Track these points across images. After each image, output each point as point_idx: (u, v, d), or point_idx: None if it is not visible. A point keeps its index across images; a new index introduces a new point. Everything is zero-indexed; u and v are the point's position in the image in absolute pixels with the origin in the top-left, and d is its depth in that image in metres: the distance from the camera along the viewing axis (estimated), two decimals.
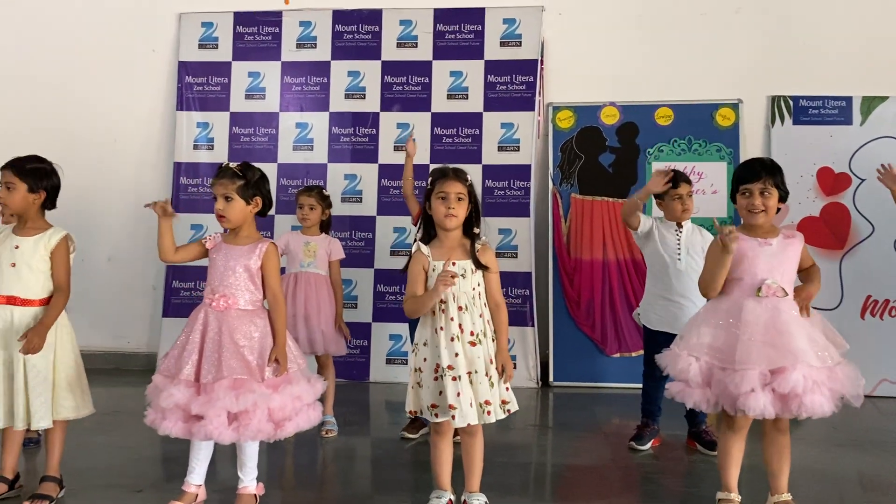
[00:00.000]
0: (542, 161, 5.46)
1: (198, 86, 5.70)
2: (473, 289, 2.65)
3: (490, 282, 2.69)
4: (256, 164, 5.49)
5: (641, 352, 5.19)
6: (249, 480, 2.77)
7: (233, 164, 2.83)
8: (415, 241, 2.73)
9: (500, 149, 5.43)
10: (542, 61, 5.46)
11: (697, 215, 5.12)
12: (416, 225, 3.52)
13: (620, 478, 3.36)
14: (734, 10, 5.45)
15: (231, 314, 2.68)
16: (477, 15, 5.52)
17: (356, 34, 5.63)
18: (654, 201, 3.87)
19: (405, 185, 4.06)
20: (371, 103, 5.57)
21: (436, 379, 2.62)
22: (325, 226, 4.13)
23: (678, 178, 3.73)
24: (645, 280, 3.93)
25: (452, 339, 2.58)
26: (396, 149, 5.52)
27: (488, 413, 2.58)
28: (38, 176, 2.92)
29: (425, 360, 2.65)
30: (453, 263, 2.62)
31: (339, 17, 5.63)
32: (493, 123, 5.45)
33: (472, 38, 5.53)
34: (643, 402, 3.75)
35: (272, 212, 5.44)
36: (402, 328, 5.15)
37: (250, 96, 5.67)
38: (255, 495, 2.79)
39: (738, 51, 5.40)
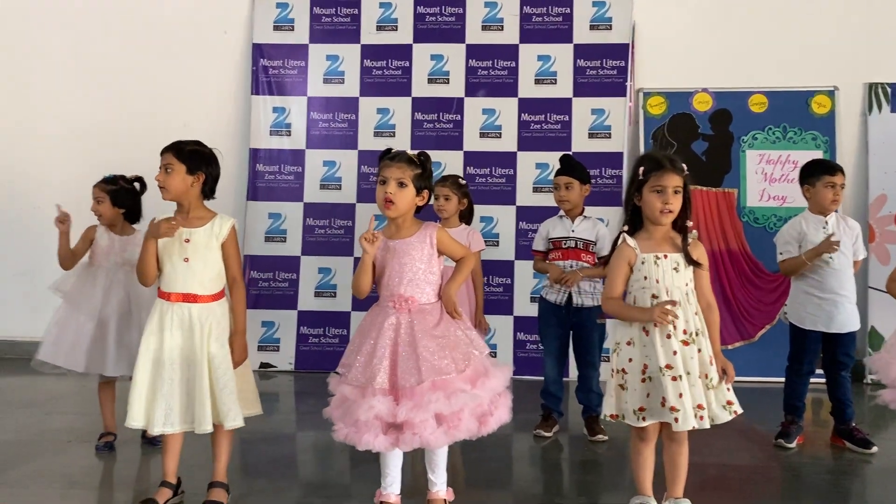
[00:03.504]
0: (634, 148, 5.32)
1: (273, 69, 5.49)
2: (686, 285, 2.51)
3: (701, 279, 2.55)
4: (336, 152, 5.47)
5: (738, 344, 5.14)
6: (441, 483, 2.63)
7: (410, 151, 2.65)
8: (620, 231, 2.58)
9: (591, 135, 5.29)
10: (632, 46, 5.31)
11: (793, 205, 5.08)
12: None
13: (790, 478, 3.28)
14: None
15: (417, 312, 2.53)
16: None
17: (439, 16, 5.44)
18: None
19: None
20: (455, 88, 5.39)
21: (644, 381, 2.48)
22: (465, 216, 3.97)
23: (835, 167, 3.59)
24: (740, 271, 3.80)
25: (668, 337, 2.44)
26: (482, 135, 5.36)
27: (701, 418, 2.44)
28: (197, 159, 2.75)
29: (631, 360, 2.50)
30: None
31: None
32: (583, 109, 5.29)
33: (561, 21, 5.36)
34: (789, 398, 3.64)
35: (355, 199, 5.40)
36: None
37: (328, 80, 5.47)
38: (446, 500, 2.65)
39: (835, 36, 5.28)
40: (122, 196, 3.52)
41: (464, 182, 4.00)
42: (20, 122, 5.62)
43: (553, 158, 5.12)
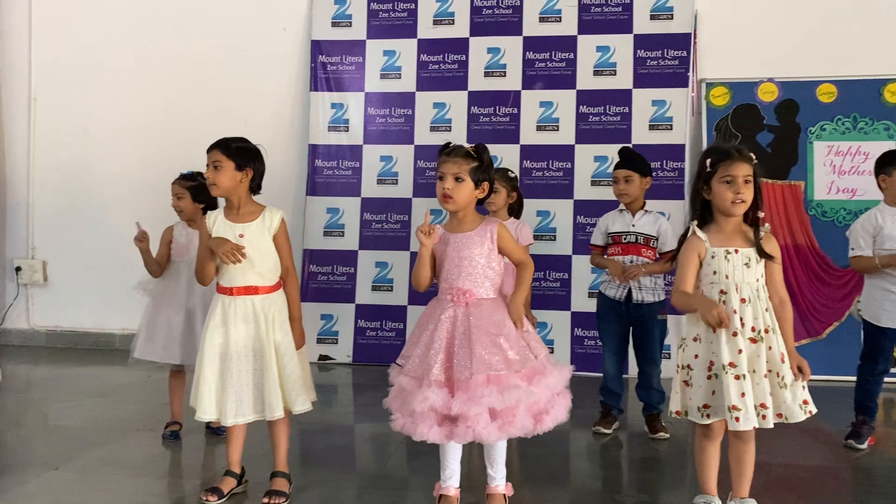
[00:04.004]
0: (696, 140, 5.20)
1: (331, 65, 5.54)
2: (757, 280, 2.44)
3: (773, 274, 2.47)
4: (393, 147, 5.50)
5: (805, 341, 4.97)
6: (500, 478, 2.62)
7: (466, 145, 2.64)
8: (688, 224, 2.52)
9: (652, 127, 5.18)
10: (695, 35, 5.19)
11: (864, 198, 4.89)
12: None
13: (862, 479, 3.17)
14: None
15: (474, 306, 2.52)
16: None
17: (496, 9, 5.40)
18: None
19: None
20: (512, 81, 5.35)
21: (709, 378, 2.42)
22: (515, 209, 3.94)
23: None
24: (807, 266, 3.66)
25: (735, 335, 2.37)
26: (539, 128, 5.31)
27: (763, 417, 2.36)
28: (245, 155, 2.79)
29: (696, 356, 2.44)
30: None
31: None
32: (643, 101, 5.19)
33: (620, 12, 5.26)
34: (860, 398, 3.52)
35: (411, 194, 5.42)
36: None
37: (385, 76, 5.50)
38: (505, 495, 2.63)
39: None
40: (201, 192, 3.59)
41: (513, 175, 3.97)
42: (88, 121, 5.81)
43: (612, 151, 5.02)
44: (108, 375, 4.91)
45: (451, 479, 2.58)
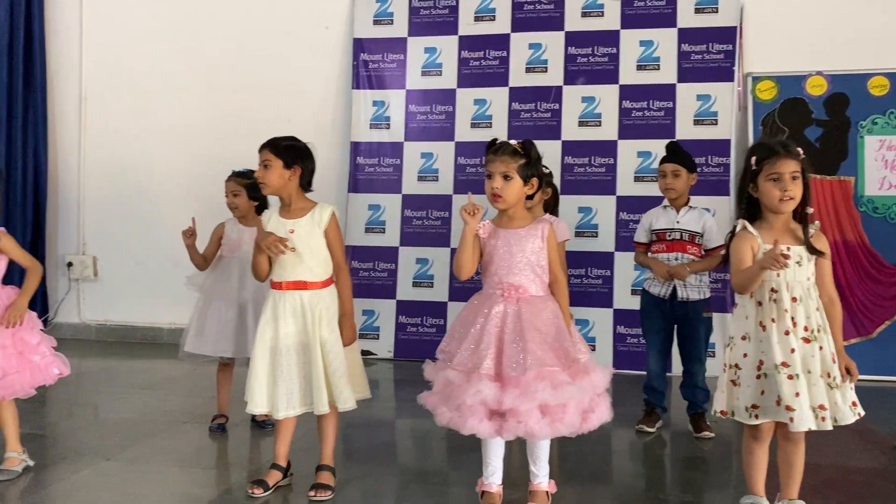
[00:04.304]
0: (742, 135, 5.11)
1: (373, 63, 5.57)
2: (808, 279, 2.39)
3: (823, 272, 2.42)
4: (434, 144, 5.51)
5: (854, 340, 4.85)
6: (544, 476, 2.61)
7: (513, 141, 2.63)
8: (737, 219, 2.47)
9: (697, 122, 5.11)
10: (740, 28, 5.10)
11: None
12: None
13: None
14: None
15: (525, 302, 2.51)
16: None
17: (537, 4, 5.38)
18: None
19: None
20: (554, 77, 5.32)
21: (758, 377, 2.38)
22: (550, 206, 3.92)
23: None
24: (857, 264, 3.56)
25: (787, 333, 2.33)
26: (581, 124, 5.27)
27: (822, 419, 2.31)
28: (293, 153, 2.82)
29: (745, 355, 2.40)
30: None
31: None
32: (687, 96, 5.12)
33: (664, 6, 5.20)
34: None
35: (452, 191, 5.42)
36: None
37: (426, 73, 5.51)
38: (548, 493, 2.63)
39: None
40: (256, 189, 3.65)
41: (548, 171, 3.94)
42: (137, 120, 5.94)
43: (655, 146, 5.00)
44: (156, 369, 5.03)
45: (494, 476, 2.58)
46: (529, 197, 2.69)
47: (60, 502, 2.76)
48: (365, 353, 5.38)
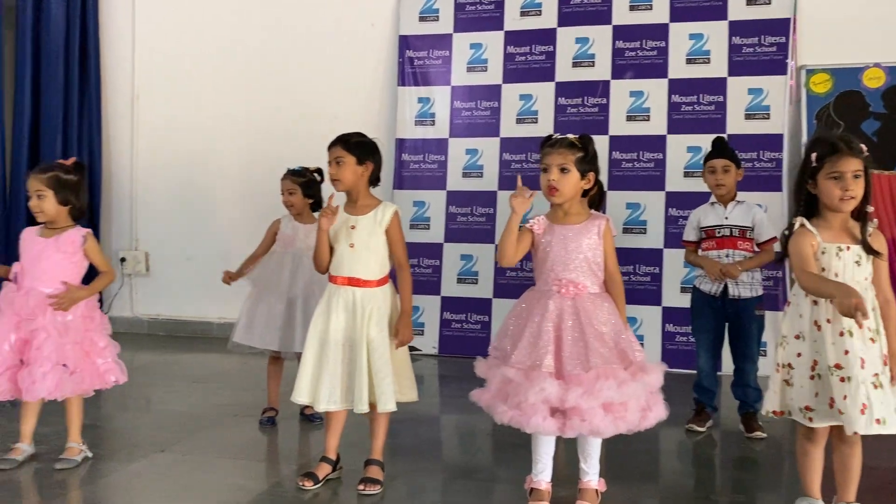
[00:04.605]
0: (795, 130, 4.98)
1: (418, 60, 5.58)
2: (865, 279, 2.31)
3: (880, 271, 2.34)
4: (479, 140, 5.50)
5: None
6: (594, 473, 2.60)
7: (570, 136, 2.61)
8: (793, 217, 2.41)
9: (748, 116, 5.00)
10: (794, 20, 4.97)
11: None
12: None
13: None
14: None
15: (583, 300, 2.49)
16: None
17: None
18: None
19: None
20: (601, 71, 5.26)
21: (812, 378, 2.32)
22: (595, 202, 3.86)
23: None
24: None
25: (841, 334, 2.26)
26: (629, 118, 5.21)
27: (877, 422, 2.24)
28: (365, 149, 2.85)
29: (799, 354, 2.35)
30: None
31: None
32: (738, 89, 5.02)
33: None
34: None
35: (496, 187, 5.40)
36: None
37: (472, 69, 5.50)
38: (598, 490, 2.61)
39: None
40: (311, 187, 3.70)
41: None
42: (188, 117, 6.05)
43: (706, 141, 4.85)
44: (206, 362, 5.12)
45: (543, 474, 2.57)
46: (586, 193, 2.65)
47: (117, 492, 2.83)
48: (410, 348, 5.39)
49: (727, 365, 3.78)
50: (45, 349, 2.86)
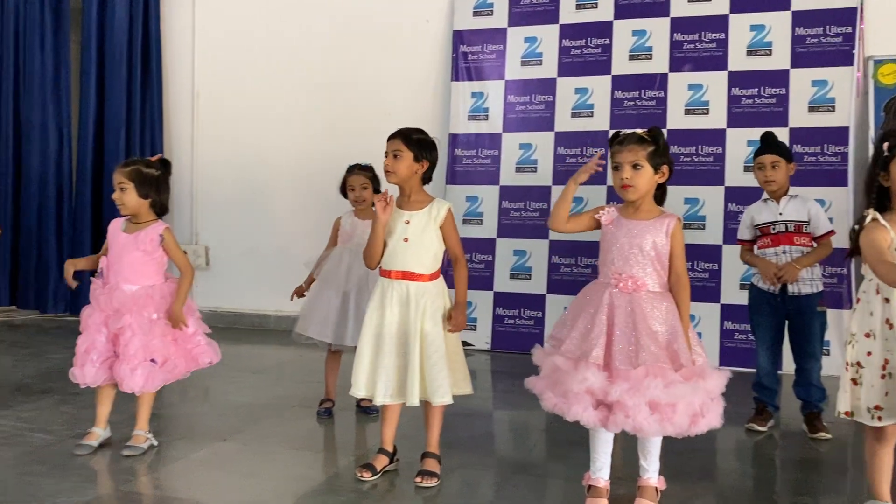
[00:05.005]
0: (862, 123, 4.83)
1: (472, 55, 5.58)
2: None
3: None
4: (533, 134, 5.47)
5: None
6: (653, 471, 2.57)
7: (639, 130, 2.57)
8: (866, 209, 2.34)
9: (812, 109, 4.87)
10: (861, 8, 4.81)
11: None
12: None
13: None
14: None
15: (641, 297, 2.47)
16: None
17: None
18: None
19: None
20: (658, 64, 5.19)
21: (883, 377, 2.25)
22: (657, 197, 3.82)
23: None
24: None
25: None
26: (687, 112, 5.12)
27: None
28: (423, 146, 2.87)
29: (869, 353, 2.28)
30: None
31: None
32: (802, 81, 4.89)
33: None
34: None
35: (550, 182, 5.37)
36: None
37: (526, 62, 5.48)
38: (657, 489, 2.59)
39: None
40: (377, 181, 3.75)
41: None
42: (246, 114, 6.17)
43: None
44: (264, 354, 5.23)
45: (602, 471, 2.55)
46: (661, 186, 2.61)
47: (182, 479, 2.92)
48: (463, 343, 5.41)
49: (787, 365, 3.70)
50: (131, 347, 2.98)
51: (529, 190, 5.44)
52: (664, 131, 5.01)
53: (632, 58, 5.24)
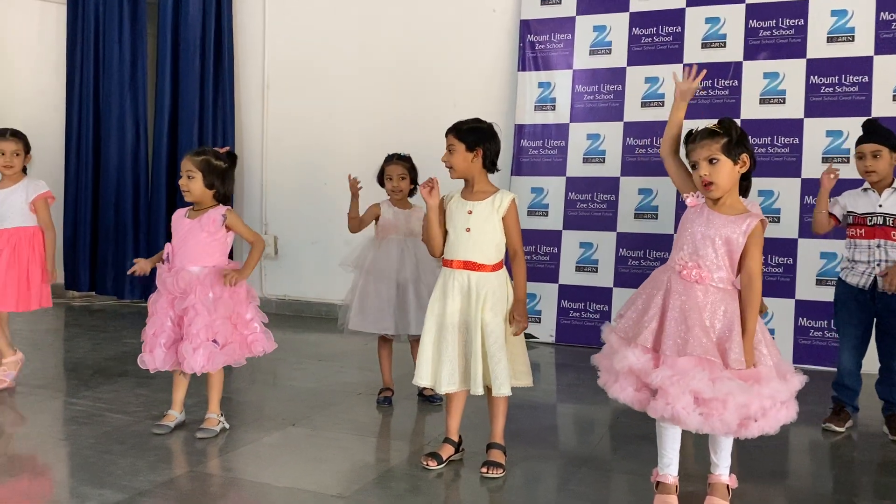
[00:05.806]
0: None
1: (539, 44, 5.52)
2: None
3: None
4: (601, 124, 5.38)
5: None
6: (724, 468, 2.50)
7: (709, 124, 2.50)
8: None
9: None
10: None
11: None
12: None
13: None
14: None
15: (700, 289, 2.40)
16: None
17: None
18: None
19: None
20: (732, 52, 5.03)
21: None
22: (743, 188, 3.72)
23: None
24: None
25: None
26: (762, 101, 4.95)
27: None
28: (476, 135, 2.86)
29: None
30: None
31: None
32: (887, 68, 4.67)
33: None
34: None
35: (619, 173, 5.28)
36: None
37: (595, 51, 5.39)
38: (729, 486, 2.52)
39: None
40: (415, 171, 3.77)
41: None
42: (315, 107, 6.25)
43: (847, 125, 4.62)
44: (329, 342, 5.31)
45: (670, 468, 2.50)
46: (746, 176, 2.52)
47: (254, 462, 2.98)
48: (526, 336, 5.37)
49: (868, 363, 3.55)
50: (194, 326, 3.05)
51: (597, 181, 5.35)
52: (738, 122, 4.96)
53: (704, 46, 5.09)
